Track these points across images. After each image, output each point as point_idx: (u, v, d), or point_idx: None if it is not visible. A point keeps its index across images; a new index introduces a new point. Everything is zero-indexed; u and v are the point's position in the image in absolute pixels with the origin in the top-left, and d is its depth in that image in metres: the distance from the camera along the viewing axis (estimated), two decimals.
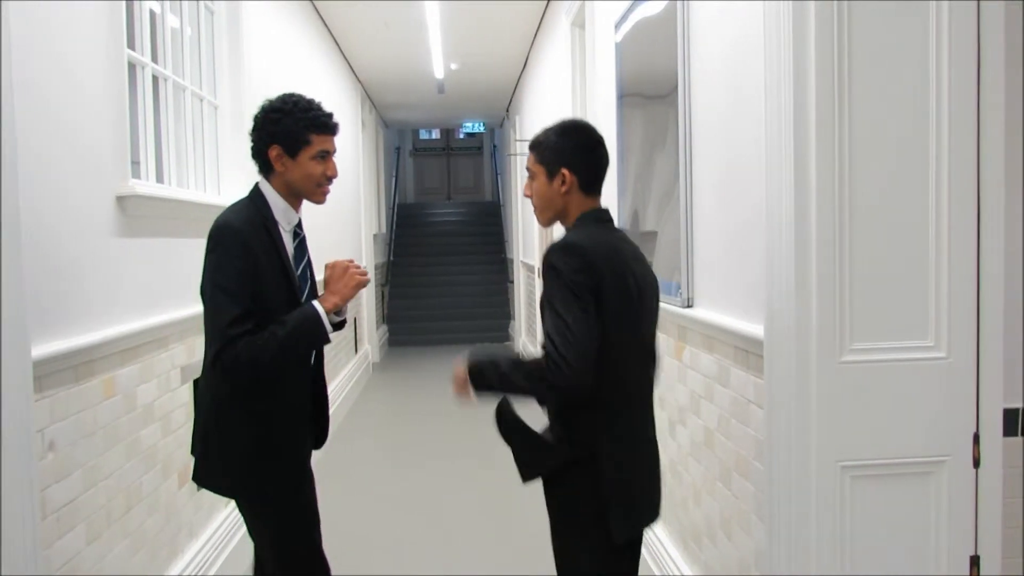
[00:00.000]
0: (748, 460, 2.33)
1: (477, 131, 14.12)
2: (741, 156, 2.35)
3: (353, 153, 8.16)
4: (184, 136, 3.68)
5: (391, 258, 12.20)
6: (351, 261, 2.20)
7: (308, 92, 2.28)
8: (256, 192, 2.17)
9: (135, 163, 3.15)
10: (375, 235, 10.13)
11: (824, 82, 1.86)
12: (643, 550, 2.89)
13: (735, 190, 2.41)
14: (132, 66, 3.08)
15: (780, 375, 1.97)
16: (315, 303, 2.09)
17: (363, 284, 2.17)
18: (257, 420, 2.09)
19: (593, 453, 1.84)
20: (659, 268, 3.13)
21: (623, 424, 1.87)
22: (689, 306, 2.80)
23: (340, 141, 6.72)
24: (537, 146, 2.01)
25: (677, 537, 3.05)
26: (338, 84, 7.54)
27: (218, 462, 2.11)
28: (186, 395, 3.30)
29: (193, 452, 2.17)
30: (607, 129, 4.01)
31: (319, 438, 2.31)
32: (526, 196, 2.06)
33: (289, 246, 2.17)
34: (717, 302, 2.59)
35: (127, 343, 2.70)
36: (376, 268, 10.19)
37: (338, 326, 2.27)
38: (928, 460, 1.92)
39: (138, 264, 2.87)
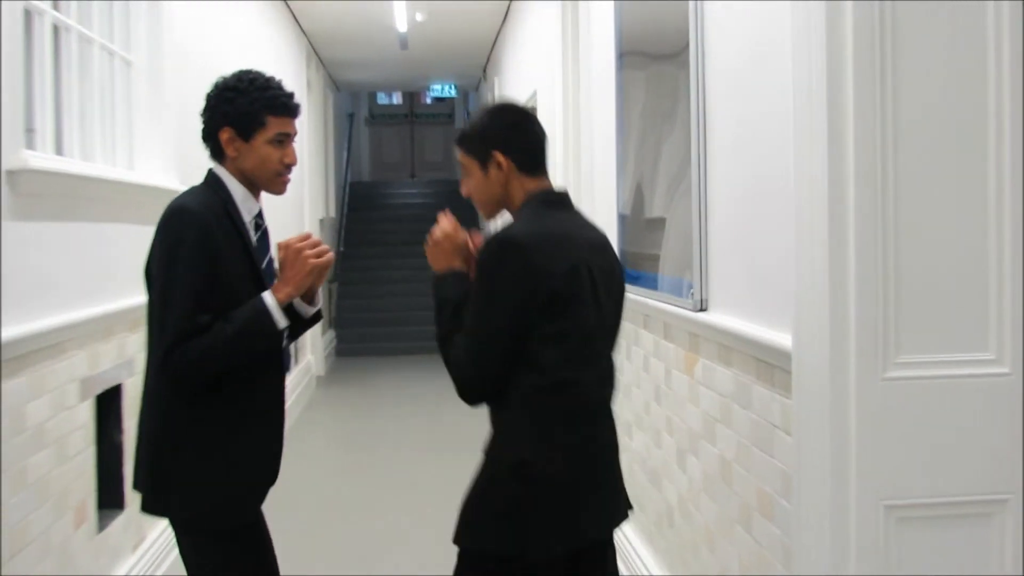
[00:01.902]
0: (773, 498, 2.33)
1: (447, 95, 14.11)
2: (765, 128, 2.35)
3: (296, 121, 8.11)
4: (91, 99, 3.64)
5: (341, 248, 12.15)
6: (307, 237, 2.24)
7: (241, 45, 2.29)
8: (212, 177, 2.26)
9: (29, 131, 3.11)
10: (321, 220, 10.08)
11: (863, 39, 1.86)
12: None
13: (758, 170, 2.41)
14: (28, 13, 3.03)
15: (811, 394, 1.96)
16: (266, 294, 2.16)
17: (320, 268, 2.22)
18: (216, 433, 2.16)
19: (523, 460, 1.99)
20: (666, 263, 3.14)
21: (564, 436, 2.02)
22: (702, 309, 2.81)
23: None
24: (463, 138, 2.15)
25: None
26: (278, 37, 7.49)
27: (169, 484, 2.16)
28: (86, 414, 3.26)
29: (136, 476, 2.21)
30: (603, 93, 4.01)
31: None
32: (464, 196, 2.18)
33: (252, 237, 2.26)
34: (736, 305, 2.59)
35: (13, 351, 2.66)
36: None
37: (312, 319, 2.37)
38: (988, 499, 1.92)
39: (30, 253, 2.84)
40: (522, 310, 1.96)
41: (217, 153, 2.26)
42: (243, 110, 2.20)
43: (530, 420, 2.01)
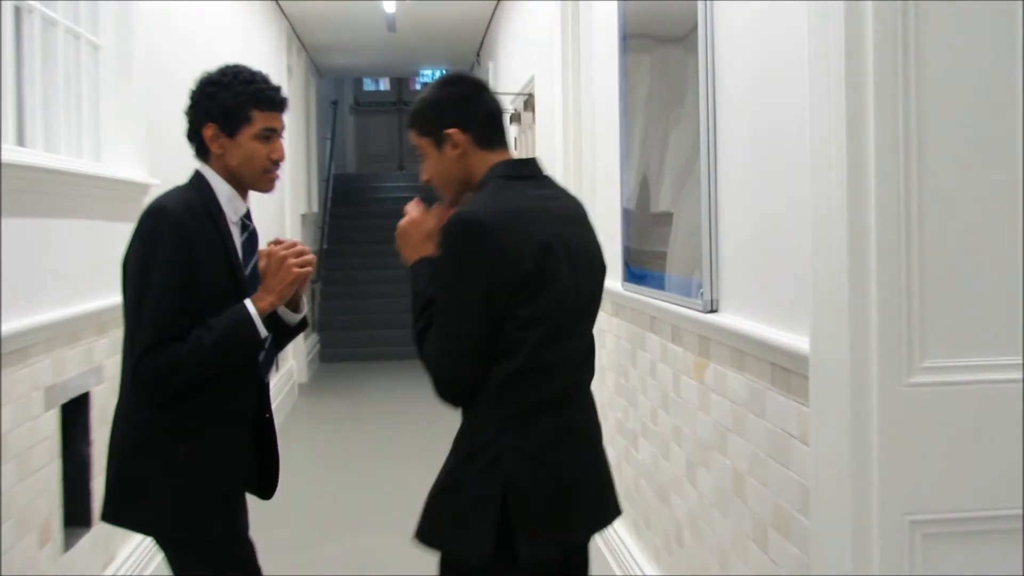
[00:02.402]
0: (790, 513, 2.33)
1: None
2: (781, 115, 2.35)
3: None
4: (55, 85, 3.63)
5: (325, 246, 12.15)
6: (292, 245, 2.30)
7: (216, 28, 2.30)
8: (197, 177, 2.33)
9: None
10: (303, 216, 10.08)
11: (885, 30, 1.86)
12: None
13: (773, 160, 2.41)
14: None
15: (830, 401, 1.97)
16: (247, 302, 2.21)
17: (301, 278, 2.29)
18: (189, 440, 2.21)
19: (497, 455, 2.00)
20: (674, 261, 3.13)
21: (539, 423, 2.04)
22: (713, 310, 2.81)
23: None
24: (414, 118, 2.17)
25: None
26: (257, 19, 7.49)
27: (140, 493, 2.21)
28: (51, 425, 3.26)
29: (107, 484, 2.27)
30: (606, 78, 4.01)
31: (267, 486, 2.43)
32: (424, 182, 2.20)
33: (237, 241, 2.31)
34: (749, 305, 2.59)
35: None
36: None
37: (298, 327, 2.44)
38: (1021, 514, 1.92)
39: None
40: (491, 297, 1.97)
41: (202, 151, 2.32)
42: (227, 105, 2.27)
43: (505, 408, 2.02)
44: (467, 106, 2.13)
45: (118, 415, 2.30)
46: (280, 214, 8.35)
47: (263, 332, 2.22)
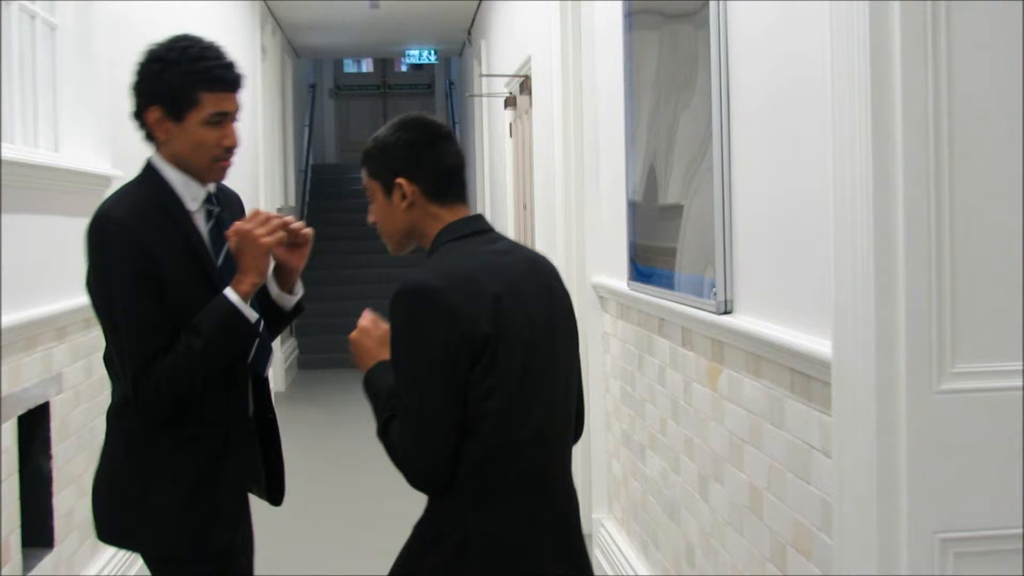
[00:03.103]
0: (811, 531, 2.34)
1: (426, 62, 14.09)
2: (800, 98, 2.36)
3: (248, 94, 8.10)
4: (8, 69, 3.63)
5: None
6: (255, 215, 2.27)
7: (184, 5, 2.30)
8: (147, 168, 2.31)
9: None
10: (279, 209, 10.07)
11: (913, 11, 1.87)
12: None
13: (793, 147, 2.42)
14: None
15: (854, 410, 1.97)
16: (227, 291, 2.20)
17: (271, 245, 2.25)
18: (187, 448, 2.25)
19: (464, 540, 2.01)
20: (685, 258, 3.15)
21: (512, 505, 2.04)
22: (727, 311, 2.82)
23: None
24: (367, 158, 2.18)
25: None
26: None
27: (138, 508, 2.24)
28: (9, 438, 3.26)
29: (95, 501, 2.31)
30: (609, 59, 4.02)
31: (273, 492, 2.48)
32: (370, 224, 2.21)
33: (202, 228, 2.30)
34: (766, 306, 2.60)
35: None
36: None
37: (295, 310, 2.47)
38: None
39: None
40: (452, 364, 1.96)
41: (150, 135, 2.29)
42: (172, 86, 2.20)
43: (473, 487, 2.01)
44: (421, 156, 2.13)
45: (110, 424, 2.32)
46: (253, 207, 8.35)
47: (253, 316, 2.21)
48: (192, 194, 2.29)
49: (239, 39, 7.66)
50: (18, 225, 3.43)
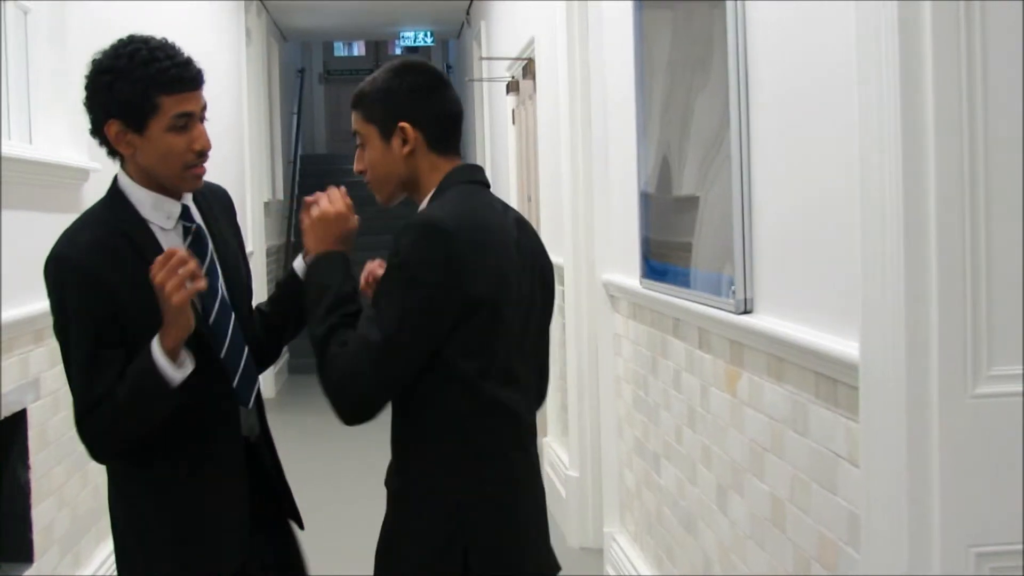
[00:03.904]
0: (837, 545, 2.35)
1: (422, 44, 14.12)
2: (823, 82, 2.37)
3: (232, 80, 8.12)
4: None
5: (292, 238, 12.14)
6: (168, 259, 2.09)
7: None
8: (112, 189, 2.26)
9: None
10: (267, 203, 10.09)
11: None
12: None
13: (816, 133, 2.43)
14: None
15: (883, 416, 1.98)
16: (152, 344, 2.12)
17: (183, 303, 2.09)
18: (167, 487, 2.26)
19: (458, 503, 2.12)
20: (701, 254, 3.15)
21: (507, 464, 2.18)
22: (746, 311, 2.83)
23: (214, 63, 6.67)
24: (361, 100, 2.21)
25: None
26: None
27: (128, 545, 2.31)
28: None
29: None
30: (619, 41, 4.03)
31: (289, 512, 2.52)
32: (357, 172, 2.25)
33: (178, 247, 2.19)
34: (789, 305, 2.61)
35: None
36: (269, 254, 10.15)
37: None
38: None
39: None
40: (440, 312, 2.04)
41: (113, 151, 2.24)
42: (127, 96, 2.14)
43: (463, 451, 2.13)
44: (428, 100, 2.20)
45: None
46: (240, 203, 8.35)
47: (174, 377, 2.11)
48: (166, 211, 2.25)
49: (221, 21, 7.67)
50: None
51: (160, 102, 2.15)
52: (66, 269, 2.16)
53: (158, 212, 2.24)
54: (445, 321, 2.05)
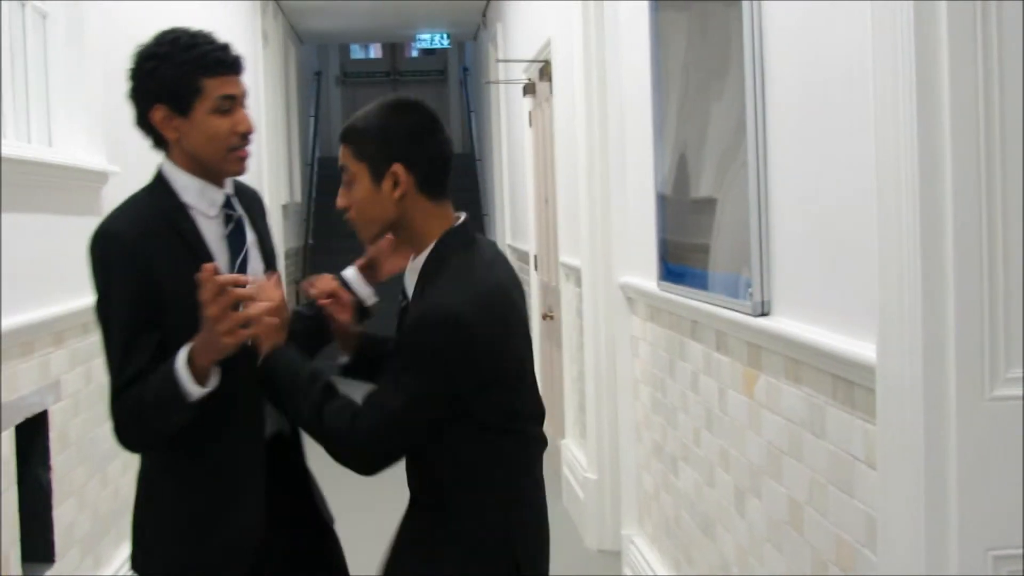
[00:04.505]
0: (854, 548, 2.35)
1: (438, 47, 14.13)
2: (841, 80, 2.37)
3: (249, 83, 8.11)
4: None
5: (309, 241, 12.19)
6: (233, 285, 2.12)
7: None
8: (157, 178, 2.31)
9: None
10: (284, 206, 10.13)
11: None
12: None
13: (833, 134, 2.43)
14: None
15: (900, 418, 1.98)
16: (181, 352, 2.13)
17: (230, 345, 2.11)
18: (187, 487, 2.29)
19: (506, 537, 2.19)
20: (719, 256, 3.16)
21: (533, 490, 2.29)
22: (764, 313, 2.83)
23: None
24: (353, 135, 2.20)
25: None
26: None
27: (146, 540, 2.33)
28: (6, 448, 3.30)
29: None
30: (636, 41, 4.03)
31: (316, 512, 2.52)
32: (340, 207, 2.23)
33: (216, 236, 2.29)
34: (806, 307, 2.62)
35: None
36: (287, 256, 10.18)
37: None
38: None
39: None
40: (462, 398, 2.10)
41: (158, 140, 2.30)
42: (170, 79, 2.21)
43: (508, 484, 2.22)
44: (422, 143, 2.18)
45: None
46: None
47: (191, 392, 2.12)
48: (209, 200, 2.30)
49: (238, 24, 7.70)
50: (12, 224, 3.47)
51: (203, 84, 2.22)
52: (112, 244, 2.19)
53: (202, 199, 2.29)
54: (461, 401, 2.11)
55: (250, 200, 2.48)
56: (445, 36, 13.26)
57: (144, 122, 2.28)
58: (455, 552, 2.17)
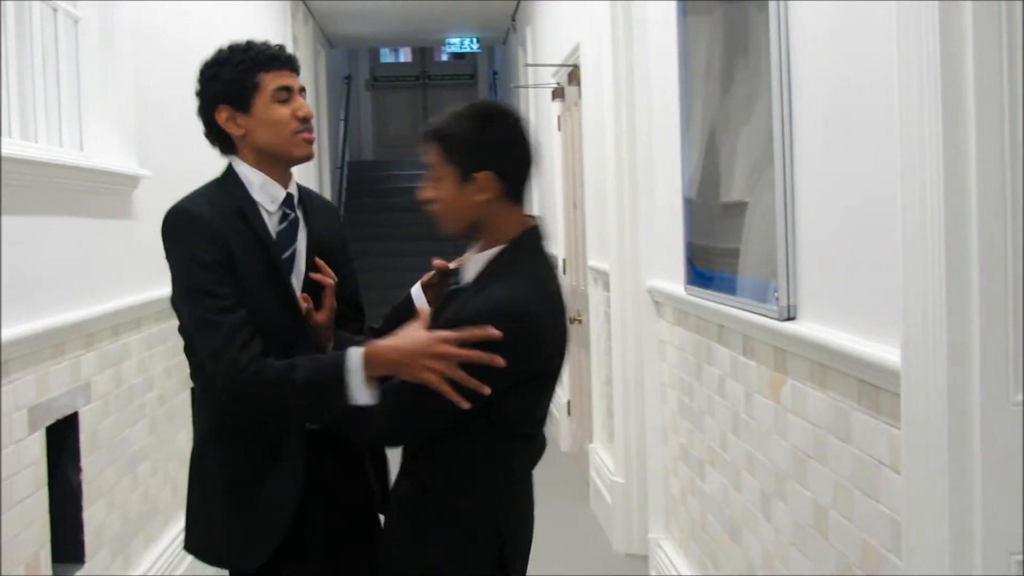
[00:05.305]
0: (879, 552, 2.36)
1: (468, 51, 14.17)
2: (867, 84, 2.37)
3: None
4: (30, 64, 3.72)
5: None
6: (433, 339, 2.14)
7: None
8: (227, 171, 2.46)
9: None
10: None
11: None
12: None
13: (857, 145, 2.44)
14: None
15: (925, 423, 1.98)
16: (356, 353, 2.18)
17: (430, 376, 2.14)
18: (234, 463, 2.39)
19: (497, 530, 2.25)
20: (748, 261, 3.16)
21: (525, 488, 2.38)
22: (790, 318, 2.84)
23: None
24: (442, 137, 2.26)
25: None
26: None
27: (198, 519, 2.48)
28: (36, 450, 3.34)
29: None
30: (664, 45, 4.04)
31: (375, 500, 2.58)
32: (423, 199, 2.30)
33: (273, 230, 2.42)
34: (832, 312, 2.62)
35: None
36: None
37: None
38: None
39: None
40: (502, 387, 2.15)
41: (227, 144, 2.44)
42: (229, 79, 2.38)
43: (506, 476, 2.29)
44: (510, 154, 2.28)
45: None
46: None
47: (360, 396, 2.16)
48: (270, 195, 2.43)
49: (268, 29, 7.76)
50: (43, 228, 3.51)
51: (260, 79, 2.38)
52: (189, 220, 2.32)
53: (264, 194, 2.42)
54: (496, 394, 2.15)
55: (321, 209, 2.62)
56: (475, 40, 13.30)
57: (211, 126, 2.43)
58: (444, 535, 2.24)
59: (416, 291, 2.58)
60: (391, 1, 10.25)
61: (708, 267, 3.57)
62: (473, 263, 2.31)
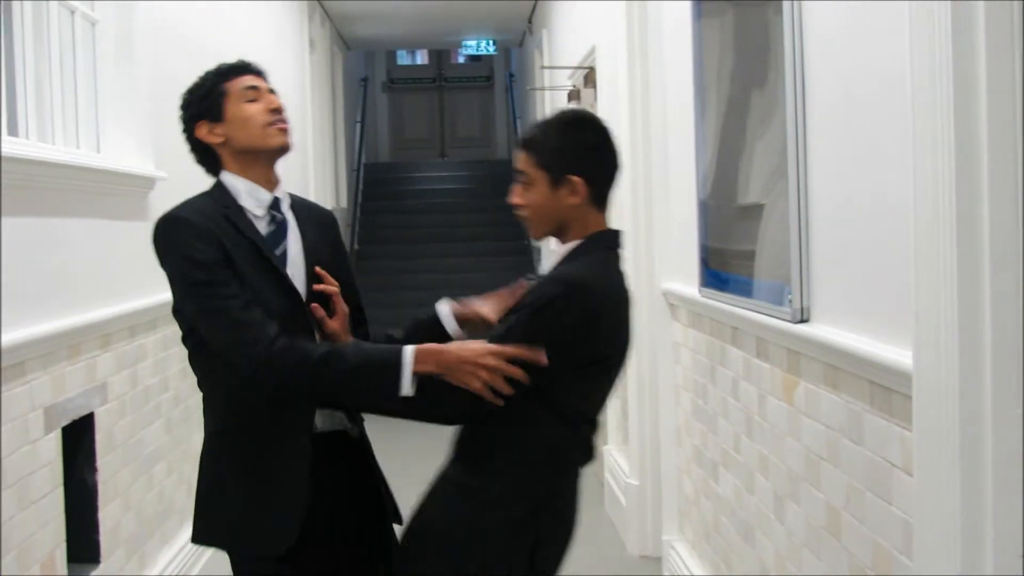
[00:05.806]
0: (891, 555, 2.35)
1: (484, 53, 14.19)
2: (879, 95, 2.38)
3: (296, 89, 8.23)
4: (48, 66, 3.74)
5: (355, 246, 12.27)
6: (485, 350, 2.24)
7: None
8: (214, 183, 2.53)
9: None
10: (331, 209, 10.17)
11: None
12: None
13: (871, 148, 2.44)
14: None
15: (936, 425, 1.98)
16: (410, 349, 2.28)
17: (477, 383, 2.24)
18: (247, 454, 2.43)
19: (535, 510, 2.30)
20: (763, 263, 3.16)
21: (571, 484, 2.43)
22: (803, 320, 2.84)
23: (278, 72, 6.78)
24: (534, 145, 2.38)
25: None
26: None
27: (210, 510, 2.50)
28: (52, 449, 3.36)
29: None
30: (679, 48, 4.05)
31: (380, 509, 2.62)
32: (513, 205, 2.41)
33: (263, 231, 2.47)
34: (845, 314, 2.62)
35: None
36: None
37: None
38: None
39: None
40: (558, 363, 2.21)
41: (210, 159, 2.52)
42: (200, 93, 2.51)
43: (553, 465, 2.36)
44: (599, 158, 2.41)
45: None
46: None
47: (406, 387, 2.26)
48: (257, 199, 2.48)
49: (285, 31, 7.78)
50: (60, 229, 3.54)
51: (226, 87, 2.49)
52: (181, 224, 2.37)
53: (251, 198, 2.48)
54: (551, 371, 2.20)
55: (317, 215, 2.67)
56: (491, 42, 13.31)
57: (196, 146, 2.52)
58: (481, 518, 2.29)
59: (446, 313, 2.60)
60: (408, 3, 10.27)
61: (723, 269, 3.57)
62: (552, 257, 2.42)
